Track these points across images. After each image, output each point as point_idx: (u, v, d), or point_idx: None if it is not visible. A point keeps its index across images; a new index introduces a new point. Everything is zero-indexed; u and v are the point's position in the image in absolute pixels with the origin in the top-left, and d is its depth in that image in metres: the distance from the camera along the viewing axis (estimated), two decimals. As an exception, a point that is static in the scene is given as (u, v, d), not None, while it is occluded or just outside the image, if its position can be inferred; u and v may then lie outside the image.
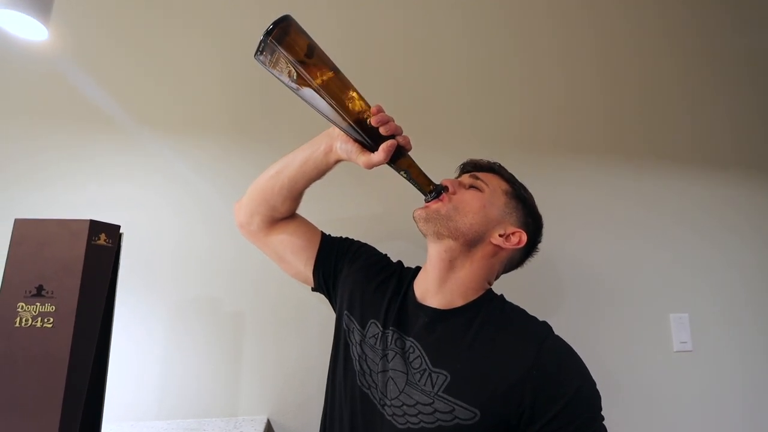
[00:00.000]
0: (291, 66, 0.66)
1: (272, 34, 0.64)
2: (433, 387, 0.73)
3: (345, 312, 0.89)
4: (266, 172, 0.89)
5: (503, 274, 0.89)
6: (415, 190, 0.81)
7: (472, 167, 0.90)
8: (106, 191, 1.15)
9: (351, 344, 0.86)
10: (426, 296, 0.84)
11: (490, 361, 0.74)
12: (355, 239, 1.00)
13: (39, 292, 0.68)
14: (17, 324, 0.66)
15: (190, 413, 1.09)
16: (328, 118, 0.74)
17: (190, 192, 1.20)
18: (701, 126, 1.63)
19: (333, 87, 0.69)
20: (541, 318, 0.81)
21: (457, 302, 0.81)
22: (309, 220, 0.98)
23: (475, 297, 0.82)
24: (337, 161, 0.83)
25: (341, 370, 0.86)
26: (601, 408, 0.70)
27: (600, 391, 0.71)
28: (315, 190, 0.90)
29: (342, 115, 0.71)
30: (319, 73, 0.68)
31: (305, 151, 0.84)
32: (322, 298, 0.98)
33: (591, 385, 0.71)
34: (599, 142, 1.51)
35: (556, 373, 0.71)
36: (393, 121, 0.73)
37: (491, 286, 0.86)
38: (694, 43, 1.70)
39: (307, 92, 0.69)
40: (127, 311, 1.10)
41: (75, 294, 0.68)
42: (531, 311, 0.83)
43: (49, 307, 0.67)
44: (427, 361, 0.76)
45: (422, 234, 0.83)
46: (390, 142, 0.73)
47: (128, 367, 1.08)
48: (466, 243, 0.80)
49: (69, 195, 1.14)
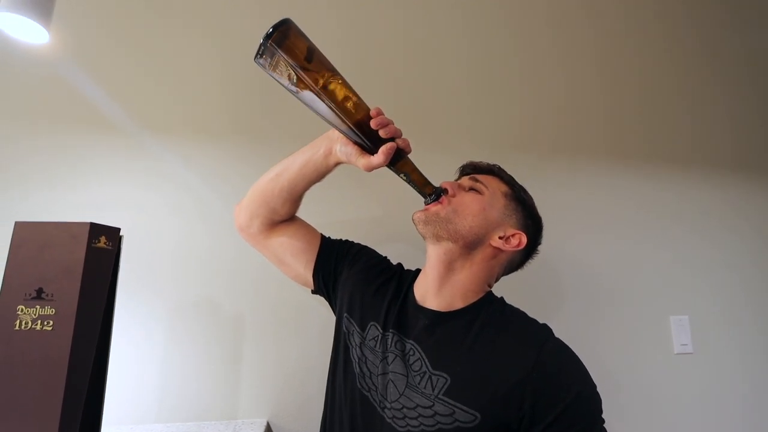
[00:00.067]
0: (291, 69, 0.66)
1: (272, 37, 0.64)
2: (434, 390, 0.73)
3: (345, 314, 0.89)
4: (266, 175, 0.89)
5: (503, 276, 0.89)
6: (414, 192, 0.80)
7: (471, 169, 0.90)
8: (107, 193, 1.15)
9: (351, 347, 0.86)
10: (426, 298, 0.84)
11: (490, 363, 0.73)
12: (355, 242, 1.00)
13: (39, 295, 0.68)
14: (17, 327, 0.66)
15: (190, 416, 1.09)
16: (327, 121, 0.74)
17: (190, 193, 1.20)
18: (701, 126, 1.63)
19: (332, 90, 0.69)
20: (540, 320, 0.81)
21: (457, 304, 0.81)
22: (309, 223, 0.98)
23: (475, 299, 0.82)
24: (337, 164, 0.83)
25: (341, 372, 0.86)
26: (601, 411, 0.70)
27: (600, 394, 0.71)
28: (315, 192, 0.90)
29: (341, 118, 0.71)
30: (319, 76, 0.68)
31: (305, 154, 0.84)
32: (321, 300, 0.98)
33: (592, 389, 0.71)
34: (599, 143, 1.51)
35: (557, 375, 0.71)
36: (392, 124, 0.73)
37: (491, 289, 0.86)
38: (694, 44, 1.70)
39: (306, 95, 0.69)
40: (127, 314, 1.09)
41: (75, 297, 0.68)
42: (531, 313, 0.83)
43: (49, 310, 0.67)
44: (427, 363, 0.76)
45: (422, 237, 0.83)
46: (389, 145, 0.73)
47: (128, 370, 1.08)
48: (466, 245, 0.80)
49: (69, 197, 1.14)
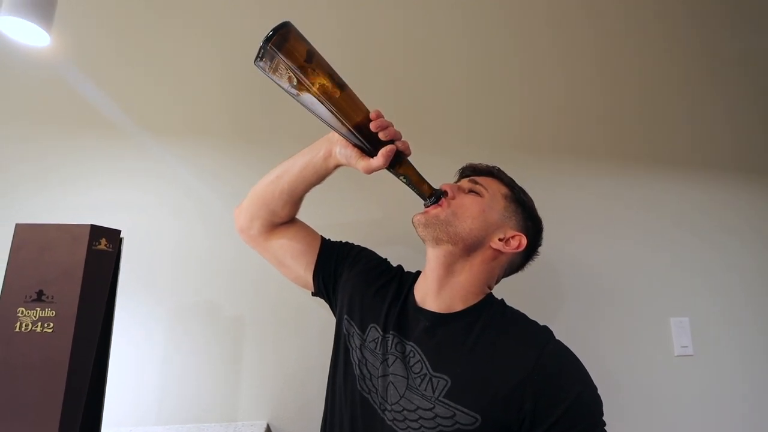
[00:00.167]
0: (290, 72, 0.66)
1: (272, 40, 0.64)
2: (434, 392, 0.73)
3: (345, 316, 0.89)
4: (266, 177, 0.90)
5: (504, 277, 0.89)
6: (414, 195, 0.80)
7: (471, 171, 0.90)
8: (107, 194, 1.15)
9: (351, 348, 0.86)
10: (426, 300, 0.84)
11: (491, 365, 0.73)
12: (355, 244, 1.00)
13: (39, 297, 0.68)
14: (17, 329, 0.66)
15: (190, 417, 1.09)
16: (327, 124, 0.74)
17: (190, 195, 1.20)
18: (701, 127, 1.63)
19: (332, 93, 0.69)
20: (541, 322, 0.81)
21: (458, 306, 0.81)
22: (309, 225, 0.98)
23: (476, 301, 0.82)
24: (337, 166, 0.83)
25: (341, 374, 0.86)
26: (602, 414, 0.70)
27: (601, 396, 0.71)
28: (315, 194, 0.90)
29: (341, 121, 0.71)
30: (319, 79, 0.68)
31: (305, 156, 0.84)
32: (321, 301, 0.98)
33: (592, 391, 0.71)
34: (599, 143, 1.51)
35: (558, 377, 0.71)
36: (392, 126, 0.73)
37: (491, 290, 0.86)
38: (693, 44, 1.70)
39: (306, 98, 0.69)
40: (127, 315, 1.09)
41: (75, 299, 0.68)
42: (531, 315, 0.83)
43: (50, 312, 0.67)
44: (428, 365, 0.76)
45: (421, 239, 0.83)
46: (389, 147, 0.73)
47: (127, 372, 1.08)
48: (466, 248, 0.80)
49: (70, 199, 1.14)
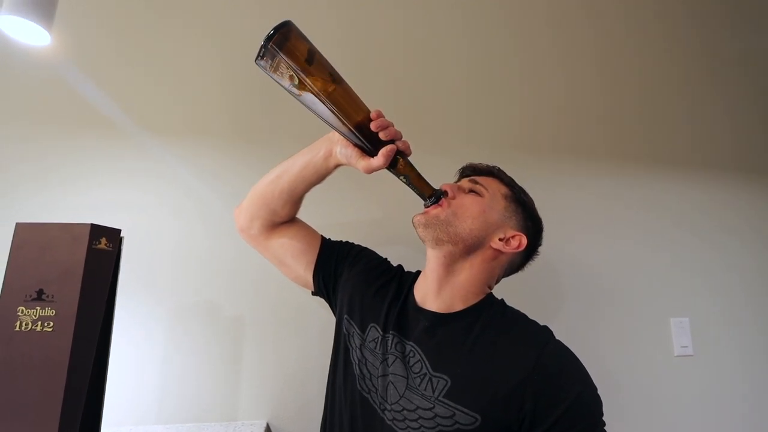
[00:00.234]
0: (291, 71, 0.66)
1: (273, 39, 0.64)
2: (434, 392, 0.73)
3: (345, 316, 0.89)
4: (266, 177, 0.90)
5: (504, 277, 0.89)
6: (414, 194, 0.80)
7: (471, 171, 0.90)
8: (107, 194, 1.15)
9: (351, 348, 0.86)
10: (426, 300, 0.84)
11: (490, 365, 0.73)
12: (356, 243, 1.00)
13: (39, 296, 0.68)
14: (17, 328, 0.66)
15: (190, 417, 1.09)
16: (328, 123, 0.74)
17: (190, 194, 1.20)
18: (701, 127, 1.63)
19: (333, 92, 0.69)
20: (541, 322, 0.81)
21: (458, 306, 0.81)
22: (309, 225, 0.98)
23: (476, 301, 0.82)
24: (337, 166, 0.83)
25: (341, 374, 0.86)
26: (602, 414, 0.70)
27: (601, 396, 0.71)
28: (315, 194, 0.90)
29: (342, 120, 0.71)
30: (319, 78, 0.68)
31: (305, 156, 0.84)
32: (321, 301, 0.98)
33: (592, 391, 0.71)
34: (599, 143, 1.51)
35: (558, 377, 0.71)
36: (392, 126, 0.73)
37: (491, 290, 0.86)
38: (693, 44, 1.70)
39: (307, 97, 0.69)
40: (127, 315, 1.09)
41: (75, 298, 0.68)
42: (531, 315, 0.83)
43: (50, 311, 0.67)
44: (428, 365, 0.76)
45: (421, 240, 0.83)
46: (389, 147, 0.73)
47: (127, 371, 1.08)
48: (466, 248, 0.80)
49: (70, 198, 1.14)
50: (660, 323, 1.43)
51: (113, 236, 0.74)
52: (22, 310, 0.67)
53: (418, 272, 0.92)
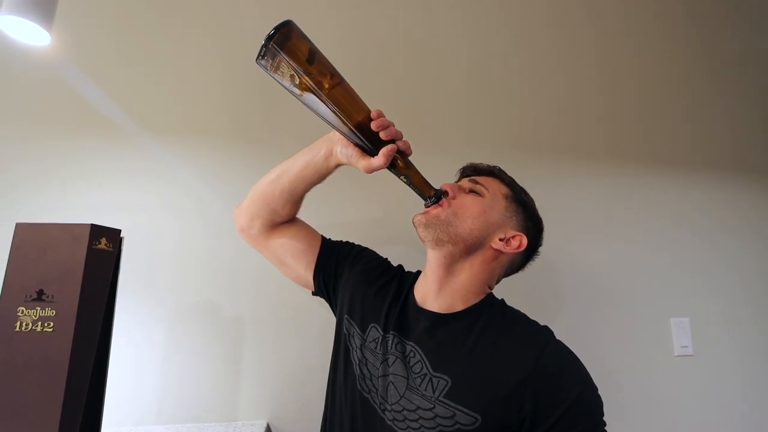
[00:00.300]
0: (292, 70, 0.66)
1: (274, 38, 0.64)
2: (434, 392, 0.73)
3: (345, 316, 0.89)
4: (266, 176, 0.89)
5: (504, 277, 0.88)
6: (415, 194, 0.80)
7: (471, 171, 0.90)
8: (107, 194, 1.15)
9: (351, 348, 0.86)
10: (426, 300, 0.84)
11: (491, 365, 0.73)
12: (356, 243, 1.00)
13: (39, 297, 0.68)
14: (17, 328, 0.66)
15: (190, 417, 1.09)
16: (328, 123, 0.74)
17: (190, 194, 1.19)
18: (701, 127, 1.63)
19: (334, 91, 0.69)
20: (541, 322, 0.81)
21: (458, 306, 0.81)
22: (309, 224, 0.98)
23: (476, 301, 0.81)
24: (338, 165, 0.83)
25: (341, 374, 0.86)
26: (603, 414, 0.70)
27: (601, 397, 0.71)
28: (315, 194, 0.90)
29: (342, 120, 0.71)
30: (320, 78, 0.68)
31: (305, 156, 0.84)
32: (321, 301, 0.98)
33: (593, 391, 0.71)
34: (599, 143, 1.51)
35: (558, 377, 0.71)
36: (393, 126, 0.73)
37: (492, 290, 0.86)
38: (693, 44, 1.70)
39: (308, 97, 0.69)
40: (127, 315, 1.09)
41: (75, 298, 0.68)
42: (531, 315, 0.83)
43: (50, 312, 0.67)
44: (428, 365, 0.76)
45: (421, 240, 0.82)
46: (390, 147, 0.73)
47: (128, 372, 1.08)
48: (466, 248, 0.80)
49: (70, 198, 1.13)
50: (660, 323, 1.43)
51: (113, 236, 0.74)
52: (23, 311, 0.67)
53: (419, 272, 0.92)
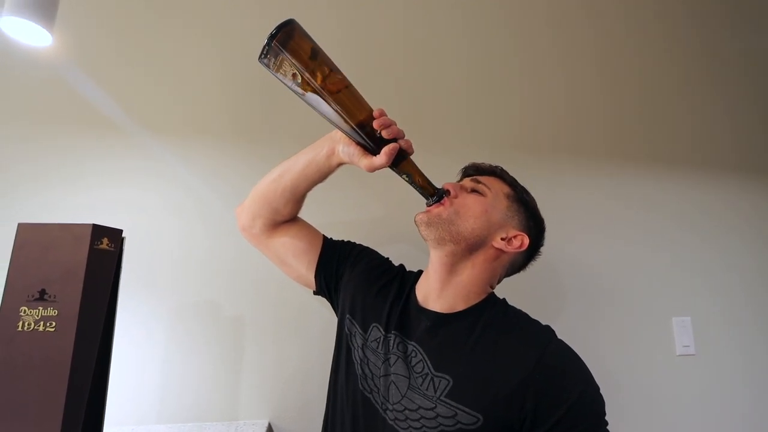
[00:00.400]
0: (295, 69, 0.66)
1: (276, 37, 0.64)
2: (436, 391, 0.73)
3: (347, 316, 0.89)
4: (268, 176, 0.89)
5: (505, 277, 0.88)
6: (417, 193, 0.80)
7: (474, 171, 0.90)
8: (108, 194, 1.15)
9: (353, 348, 0.86)
10: (428, 300, 0.84)
11: (492, 365, 0.73)
12: (357, 243, 1.00)
13: (42, 296, 0.68)
14: (20, 328, 0.66)
15: (191, 417, 1.09)
16: (330, 121, 0.74)
17: (190, 194, 1.20)
18: (701, 127, 1.63)
19: (336, 91, 0.69)
20: (542, 322, 0.81)
21: (459, 306, 0.81)
22: (311, 224, 0.98)
23: (477, 301, 0.81)
24: (340, 164, 0.83)
25: (343, 373, 0.86)
26: (605, 414, 0.70)
27: (603, 396, 0.71)
28: (317, 193, 0.90)
29: (345, 119, 0.71)
30: (323, 77, 0.68)
31: (307, 155, 0.84)
32: (323, 300, 0.98)
33: (594, 390, 0.71)
34: (599, 143, 1.51)
35: (559, 377, 0.71)
36: (395, 125, 0.73)
37: (493, 290, 0.86)
38: (693, 44, 1.70)
39: (310, 96, 0.69)
40: (128, 315, 1.09)
41: (77, 298, 0.68)
42: (532, 314, 0.83)
43: (52, 311, 0.67)
44: (430, 365, 0.76)
45: (423, 239, 0.82)
46: (392, 146, 0.73)
47: (129, 371, 1.08)
48: (468, 247, 0.80)
49: (71, 198, 1.14)
50: (661, 323, 1.43)
51: (115, 236, 0.74)
52: (25, 310, 0.67)
53: (420, 272, 0.92)
